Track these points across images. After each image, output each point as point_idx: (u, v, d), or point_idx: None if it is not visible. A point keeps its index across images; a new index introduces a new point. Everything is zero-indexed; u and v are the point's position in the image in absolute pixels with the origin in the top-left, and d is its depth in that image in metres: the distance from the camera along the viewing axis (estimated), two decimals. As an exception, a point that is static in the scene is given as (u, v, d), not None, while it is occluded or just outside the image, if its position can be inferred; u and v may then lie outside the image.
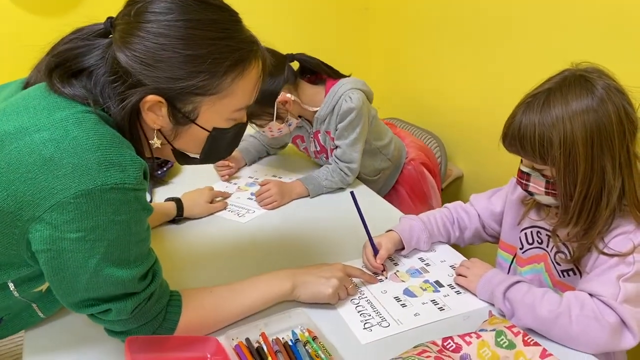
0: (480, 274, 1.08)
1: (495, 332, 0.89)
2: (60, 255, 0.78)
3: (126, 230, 0.80)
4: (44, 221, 0.75)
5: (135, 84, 0.82)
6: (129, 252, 0.82)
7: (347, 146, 1.56)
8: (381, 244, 1.17)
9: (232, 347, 0.94)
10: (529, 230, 1.11)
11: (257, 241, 1.34)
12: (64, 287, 0.82)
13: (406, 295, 1.11)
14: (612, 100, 0.90)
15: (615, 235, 0.94)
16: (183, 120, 0.87)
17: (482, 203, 1.25)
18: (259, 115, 1.51)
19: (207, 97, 0.86)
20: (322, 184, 1.55)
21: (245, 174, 1.73)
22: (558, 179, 0.94)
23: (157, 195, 1.56)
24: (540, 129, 0.92)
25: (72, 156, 0.75)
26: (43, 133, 0.76)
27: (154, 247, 1.22)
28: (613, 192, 0.92)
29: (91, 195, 0.75)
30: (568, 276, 1.04)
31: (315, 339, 0.96)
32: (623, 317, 0.89)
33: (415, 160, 1.82)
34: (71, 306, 0.85)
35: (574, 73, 0.95)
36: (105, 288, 0.82)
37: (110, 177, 0.76)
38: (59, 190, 0.74)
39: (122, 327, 0.89)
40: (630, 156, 0.92)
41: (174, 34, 0.81)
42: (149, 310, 0.89)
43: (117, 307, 0.84)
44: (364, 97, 1.55)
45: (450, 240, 1.27)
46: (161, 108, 0.85)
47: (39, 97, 0.83)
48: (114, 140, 0.79)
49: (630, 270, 0.90)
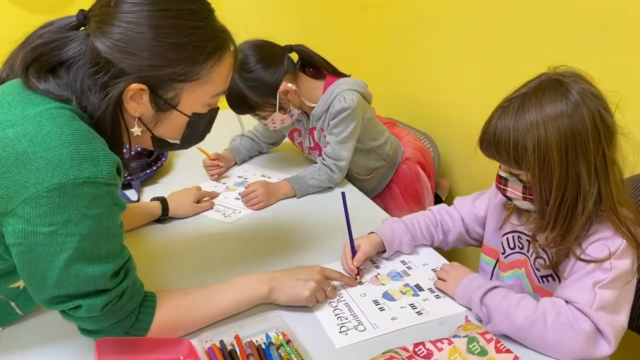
0: (459, 278, 1.07)
1: (468, 339, 0.89)
2: (31, 249, 0.78)
3: (98, 224, 0.81)
4: (17, 215, 0.76)
5: (118, 74, 0.83)
6: (101, 247, 0.82)
7: (336, 143, 1.56)
8: (360, 246, 1.17)
9: (204, 349, 0.94)
10: (510, 235, 1.10)
11: (241, 242, 1.33)
12: (35, 282, 0.82)
13: (385, 298, 1.10)
14: (587, 105, 0.89)
15: (593, 241, 0.92)
16: (165, 107, 0.90)
17: (466, 207, 1.23)
18: (262, 106, 1.51)
19: (189, 83, 0.89)
20: (309, 184, 1.55)
21: (234, 173, 1.73)
22: (534, 184, 0.93)
23: (146, 194, 1.57)
24: (514, 134, 0.91)
25: (46, 150, 0.76)
26: (17, 128, 0.77)
27: (137, 246, 1.24)
28: (589, 197, 0.90)
29: (64, 189, 0.76)
30: (547, 282, 1.03)
31: (289, 342, 0.96)
32: (598, 325, 0.87)
33: (411, 160, 1.81)
34: (42, 302, 0.85)
35: (550, 77, 0.93)
36: (76, 284, 0.82)
37: (83, 171, 0.77)
38: (32, 184, 0.75)
39: (93, 325, 0.89)
40: (606, 161, 0.90)
41: (156, 23, 0.83)
42: (120, 308, 0.88)
43: (87, 304, 0.84)
44: (359, 99, 1.54)
45: (434, 243, 1.26)
46: (142, 96, 0.87)
47: (14, 93, 0.84)
48: (87, 135, 0.80)
49: (607, 277, 0.89)
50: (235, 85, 1.46)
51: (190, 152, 1.85)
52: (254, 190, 1.50)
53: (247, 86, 1.47)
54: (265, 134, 1.82)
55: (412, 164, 1.81)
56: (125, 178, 1.59)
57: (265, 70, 1.47)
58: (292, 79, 1.54)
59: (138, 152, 1.65)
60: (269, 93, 1.49)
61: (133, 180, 1.60)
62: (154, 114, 0.91)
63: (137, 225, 1.37)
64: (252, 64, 1.47)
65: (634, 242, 0.91)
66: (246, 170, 1.74)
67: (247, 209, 1.48)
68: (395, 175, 1.82)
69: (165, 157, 1.76)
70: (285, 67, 1.50)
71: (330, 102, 1.55)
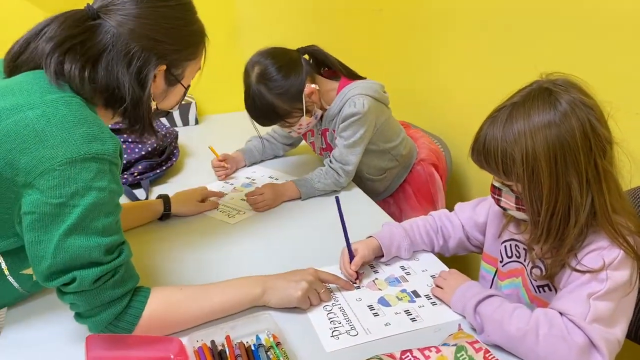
0: (455, 286, 1.05)
1: (456, 347, 0.87)
2: (41, 218, 0.86)
3: (100, 197, 0.88)
4: (34, 186, 0.85)
5: (149, 59, 0.98)
6: (98, 221, 0.89)
7: (344, 147, 1.55)
8: (358, 250, 1.16)
9: (194, 349, 0.95)
10: (508, 244, 1.08)
11: (242, 243, 1.34)
12: (38, 252, 0.87)
13: (380, 304, 1.09)
14: (576, 115, 0.86)
15: (589, 252, 0.90)
16: (174, 82, 1.07)
17: (467, 213, 1.21)
18: (290, 112, 1.51)
19: (191, 61, 1.08)
20: (315, 187, 1.55)
21: (242, 174, 1.74)
22: (524, 196, 0.91)
23: (154, 194, 1.58)
24: (502, 145, 0.90)
25: (61, 130, 0.86)
26: (36, 110, 0.87)
27: (139, 244, 1.27)
28: (581, 209, 0.88)
29: (74, 162, 0.85)
30: (544, 292, 1.00)
31: (279, 344, 0.96)
32: (591, 338, 0.85)
33: (426, 161, 1.79)
34: (41, 277, 0.89)
35: (541, 86, 0.91)
36: (71, 253, 0.87)
37: (91, 147, 0.87)
38: (47, 158, 0.84)
39: (84, 304, 0.91)
40: (599, 172, 0.87)
41: (175, 15, 1.02)
42: (111, 287, 0.91)
43: (80, 276, 0.88)
44: (371, 104, 1.53)
45: (435, 249, 1.25)
46: (159, 75, 1.03)
47: (32, 82, 0.93)
48: (96, 120, 0.92)
49: (602, 288, 0.86)
50: (262, 97, 1.46)
51: (200, 154, 1.90)
52: (261, 194, 1.50)
53: (274, 95, 1.46)
54: (283, 134, 1.82)
55: (427, 165, 1.79)
56: (135, 177, 1.62)
57: (289, 76, 1.47)
58: (312, 80, 1.54)
59: (149, 152, 1.68)
60: (296, 98, 1.49)
61: (142, 179, 1.63)
62: (164, 89, 1.07)
63: (140, 223, 1.39)
64: (274, 74, 1.46)
65: (633, 252, 0.88)
66: (254, 172, 1.76)
67: (252, 210, 1.49)
68: (410, 175, 1.80)
69: (176, 157, 1.79)
70: (305, 70, 1.51)
71: (342, 105, 1.54)
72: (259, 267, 1.13)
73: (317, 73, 1.60)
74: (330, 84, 1.60)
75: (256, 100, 1.47)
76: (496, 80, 1.79)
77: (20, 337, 1.00)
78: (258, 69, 1.47)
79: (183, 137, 1.98)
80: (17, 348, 0.98)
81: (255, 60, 1.50)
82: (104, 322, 0.92)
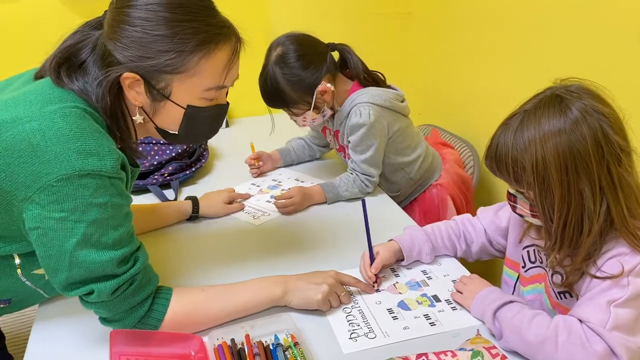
0: (475, 291, 1.05)
1: (472, 352, 0.87)
2: (46, 233, 0.86)
3: (104, 213, 0.87)
4: (34, 201, 0.84)
5: (114, 63, 0.91)
6: (107, 235, 0.88)
7: (362, 162, 1.55)
8: (379, 252, 1.16)
9: (214, 346, 0.97)
10: (531, 249, 1.06)
11: (266, 244, 1.36)
12: (51, 265, 0.89)
13: (400, 307, 1.09)
14: (587, 122, 0.85)
15: (609, 258, 0.88)
16: (159, 97, 0.95)
17: (489, 217, 1.20)
18: (297, 103, 1.51)
19: (176, 75, 0.93)
20: (342, 195, 1.55)
21: (268, 176, 1.76)
22: (536, 204, 0.90)
23: (183, 194, 1.63)
24: (513, 153, 0.89)
25: (55, 145, 0.84)
26: (33, 123, 0.86)
27: (165, 243, 1.28)
28: (595, 217, 0.86)
29: (70, 179, 0.83)
30: (565, 298, 0.99)
31: (297, 344, 0.97)
32: (611, 346, 0.83)
33: (443, 187, 1.71)
34: (59, 287, 0.91)
35: (553, 92, 0.90)
36: (85, 268, 0.88)
37: (87, 164, 0.84)
38: (44, 174, 0.83)
39: (107, 312, 0.94)
40: (614, 180, 0.85)
41: (144, 16, 0.89)
42: (131, 295, 0.93)
43: (98, 289, 0.89)
44: (377, 114, 1.49)
45: (457, 254, 1.24)
46: (139, 85, 0.93)
47: (37, 92, 0.92)
48: (94, 133, 0.88)
49: (623, 295, 0.85)
50: (274, 79, 1.47)
51: (230, 155, 1.93)
52: (291, 197, 1.50)
53: (286, 81, 1.46)
54: (317, 135, 1.83)
55: (443, 190, 1.70)
56: (165, 178, 1.66)
57: (307, 68, 1.46)
58: (331, 79, 1.53)
59: (179, 153, 1.72)
60: (307, 91, 1.48)
61: (172, 180, 1.67)
62: (151, 104, 0.96)
63: (169, 223, 1.42)
64: (292, 60, 1.45)
65: None
66: (281, 174, 1.78)
67: (276, 212, 1.51)
68: (421, 195, 1.74)
69: (205, 158, 1.83)
70: (326, 66, 1.49)
71: (349, 110, 1.53)
72: (281, 268, 1.15)
73: (339, 71, 1.58)
74: (346, 84, 1.58)
75: (267, 80, 1.48)
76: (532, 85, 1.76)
77: (49, 332, 1.05)
78: (280, 50, 1.47)
79: (213, 139, 2.00)
80: (47, 342, 1.02)
81: (281, 41, 1.49)
82: (128, 326, 0.95)
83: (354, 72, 1.57)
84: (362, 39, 1.82)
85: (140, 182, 1.63)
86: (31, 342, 1.02)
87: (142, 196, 1.62)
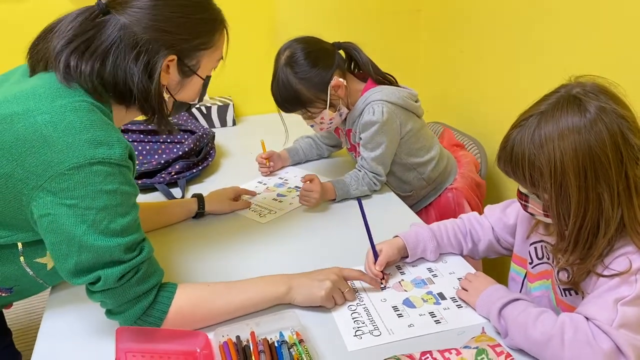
0: (481, 289, 1.04)
1: (477, 350, 0.86)
2: (57, 220, 0.89)
3: (113, 200, 0.91)
4: (46, 189, 0.88)
5: (157, 50, 0.98)
6: (115, 222, 0.91)
7: (371, 160, 1.54)
8: (382, 250, 1.16)
9: (219, 343, 0.97)
10: (538, 245, 1.06)
11: (272, 242, 1.36)
12: (61, 251, 0.91)
13: (405, 305, 1.09)
14: (605, 124, 0.83)
15: (617, 257, 0.87)
16: (189, 73, 1.06)
17: (496, 215, 1.19)
18: (313, 102, 1.51)
19: (207, 51, 1.05)
20: (352, 193, 1.54)
21: (275, 174, 1.77)
22: (551, 207, 0.89)
23: (190, 193, 1.63)
24: (530, 158, 0.88)
25: (67, 136, 0.88)
26: (45, 116, 0.90)
27: (171, 241, 1.31)
28: (612, 221, 0.85)
29: (82, 167, 0.88)
30: (570, 295, 0.98)
31: (302, 342, 0.97)
32: (618, 344, 0.82)
33: (459, 191, 1.70)
34: (67, 274, 0.93)
35: (569, 92, 0.88)
36: (93, 253, 0.90)
37: (97, 152, 0.89)
38: (55, 163, 0.87)
39: (113, 302, 0.95)
40: (629, 184, 0.84)
41: (181, 3, 1.00)
42: (136, 283, 0.95)
43: (104, 274, 0.91)
44: (390, 112, 1.50)
45: (463, 252, 1.23)
46: (174, 65, 1.02)
47: (46, 85, 0.95)
48: (103, 124, 0.93)
49: (631, 293, 0.84)
50: (286, 81, 1.48)
51: (237, 154, 1.94)
52: (312, 191, 1.48)
53: (298, 79, 1.47)
54: (327, 135, 1.83)
55: (459, 194, 1.69)
56: (172, 176, 1.67)
57: (316, 64, 1.48)
58: (342, 75, 1.53)
59: (185, 152, 1.72)
60: (321, 87, 1.49)
61: (179, 179, 1.68)
62: (179, 81, 1.05)
63: (175, 221, 1.43)
64: (301, 59, 1.47)
65: None
66: (287, 172, 1.78)
67: (283, 210, 1.51)
68: (437, 200, 1.72)
69: (212, 157, 1.83)
70: (336, 63, 1.51)
71: (362, 109, 1.53)
72: (287, 266, 1.15)
73: (348, 71, 1.60)
74: (358, 84, 1.59)
75: (280, 83, 1.49)
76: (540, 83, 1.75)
77: (57, 327, 1.06)
78: (288, 52, 1.49)
79: (220, 137, 2.03)
80: (53, 337, 1.03)
81: (288, 45, 1.51)
82: (133, 317, 0.96)
83: (364, 69, 1.57)
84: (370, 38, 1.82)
85: (148, 181, 1.64)
86: (40, 338, 1.03)
87: (149, 195, 1.62)
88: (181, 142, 1.75)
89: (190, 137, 1.79)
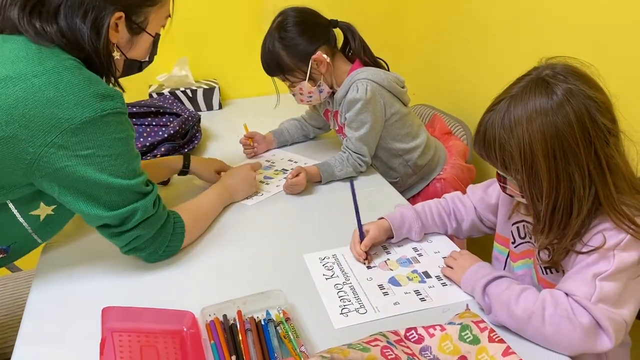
0: (466, 267, 1.05)
1: (461, 326, 0.88)
2: (76, 170, 0.96)
3: (126, 145, 1.01)
4: (56, 144, 0.93)
5: (103, 7, 1.00)
6: (132, 164, 1.03)
7: (356, 140, 1.55)
8: (369, 231, 1.17)
9: (206, 322, 0.98)
10: (520, 224, 1.07)
11: (259, 224, 1.36)
12: (88, 195, 1.00)
13: (390, 283, 1.10)
14: (571, 105, 0.85)
15: (596, 233, 0.89)
16: (137, 30, 1.09)
17: (478, 195, 1.21)
18: (292, 70, 1.53)
19: (154, 7, 1.09)
20: (337, 174, 1.55)
21: (261, 157, 1.76)
22: (524, 190, 0.91)
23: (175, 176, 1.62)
24: (501, 142, 0.90)
25: (70, 94, 0.93)
26: (41, 78, 0.93)
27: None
28: (584, 201, 0.87)
29: (94, 121, 0.95)
30: (550, 273, 1.00)
31: (288, 320, 0.98)
32: (597, 318, 0.84)
33: (447, 181, 1.70)
34: (104, 210, 1.02)
35: (539, 75, 0.90)
36: (121, 192, 1.02)
37: (105, 105, 0.96)
38: (65, 119, 0.93)
39: (149, 232, 1.09)
40: (601, 163, 0.86)
41: None
42: (163, 208, 1.12)
43: (142, 205, 1.05)
44: (374, 90, 1.50)
45: (448, 231, 1.25)
46: (122, 23, 1.05)
47: (25, 49, 0.97)
48: (96, 78, 0.99)
49: (609, 268, 0.86)
50: (271, 44, 1.51)
51: (223, 137, 1.93)
52: (300, 183, 1.47)
53: (282, 45, 1.49)
54: (313, 116, 1.84)
55: (447, 185, 1.69)
56: (158, 159, 1.66)
57: (303, 34, 1.49)
58: (329, 53, 1.53)
59: (171, 134, 1.71)
60: (302, 58, 1.50)
61: (165, 161, 1.67)
62: (129, 38, 1.09)
63: (161, 179, 1.49)
64: (290, 25, 1.50)
65: None
66: (274, 155, 1.78)
67: (269, 192, 1.51)
68: (425, 190, 1.72)
69: (198, 140, 1.82)
70: (325, 38, 1.52)
71: (347, 88, 1.54)
72: (274, 247, 1.15)
73: (341, 51, 1.60)
74: (346, 65, 1.59)
75: (265, 46, 1.53)
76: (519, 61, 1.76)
77: (43, 309, 1.06)
78: (281, 17, 1.52)
79: (206, 121, 2.02)
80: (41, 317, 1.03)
81: (284, 10, 1.54)
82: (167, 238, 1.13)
83: (355, 51, 1.58)
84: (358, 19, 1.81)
85: (133, 163, 1.64)
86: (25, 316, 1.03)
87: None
88: (167, 124, 1.74)
89: (176, 119, 1.78)
